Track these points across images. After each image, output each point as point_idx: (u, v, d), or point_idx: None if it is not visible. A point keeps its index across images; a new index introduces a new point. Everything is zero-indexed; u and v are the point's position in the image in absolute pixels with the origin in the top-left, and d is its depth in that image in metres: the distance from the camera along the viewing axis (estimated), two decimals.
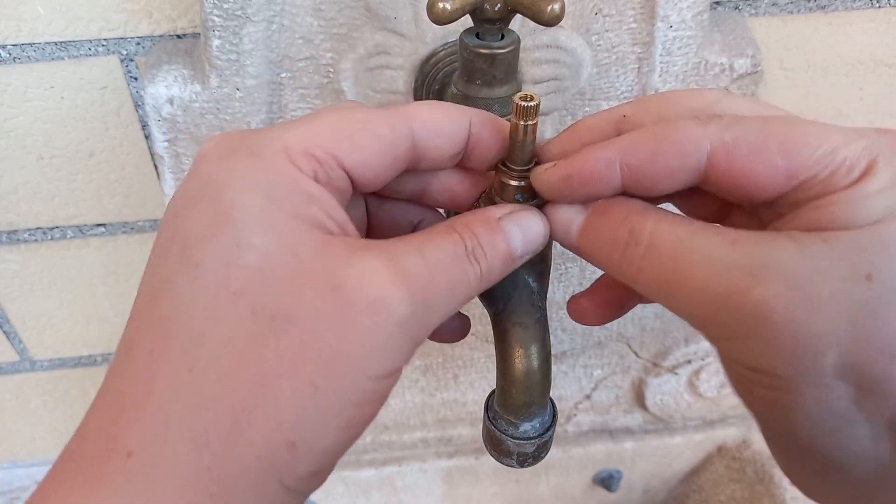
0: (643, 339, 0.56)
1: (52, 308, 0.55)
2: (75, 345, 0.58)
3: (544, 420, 0.29)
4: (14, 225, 0.50)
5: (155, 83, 0.39)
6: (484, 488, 0.64)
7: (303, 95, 0.40)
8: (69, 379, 0.61)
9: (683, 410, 0.60)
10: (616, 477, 0.64)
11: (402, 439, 0.60)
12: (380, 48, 0.39)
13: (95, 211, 0.50)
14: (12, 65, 0.43)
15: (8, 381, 0.60)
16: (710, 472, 0.65)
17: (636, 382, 0.59)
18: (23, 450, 0.66)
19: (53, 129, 0.46)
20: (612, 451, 0.63)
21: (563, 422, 0.61)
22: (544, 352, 0.28)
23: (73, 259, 0.52)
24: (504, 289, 0.27)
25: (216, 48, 0.37)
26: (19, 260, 0.52)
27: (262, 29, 0.37)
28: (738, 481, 0.63)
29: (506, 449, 0.29)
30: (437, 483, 0.63)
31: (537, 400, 0.28)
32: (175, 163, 0.41)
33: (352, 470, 0.61)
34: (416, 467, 0.62)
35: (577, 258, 0.50)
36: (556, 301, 0.52)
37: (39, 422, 0.64)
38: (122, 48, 0.43)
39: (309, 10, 0.37)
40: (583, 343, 0.56)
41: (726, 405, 0.61)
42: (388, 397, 0.22)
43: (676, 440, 0.63)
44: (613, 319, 0.27)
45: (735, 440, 0.63)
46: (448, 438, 0.61)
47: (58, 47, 0.42)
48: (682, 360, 0.57)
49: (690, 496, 0.66)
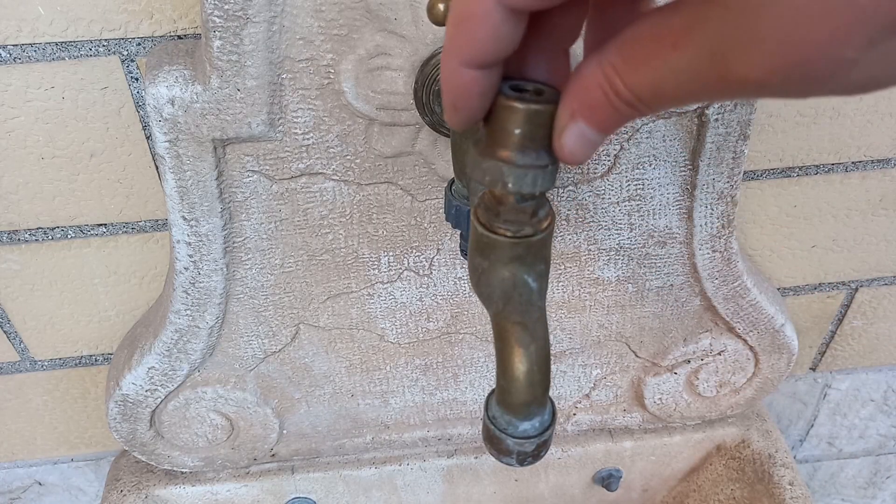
0: (642, 339, 0.56)
1: (52, 308, 0.55)
2: (76, 345, 0.58)
3: (544, 419, 0.29)
4: (15, 225, 0.50)
5: (156, 84, 0.39)
6: (484, 487, 0.64)
7: (303, 96, 0.40)
8: (69, 379, 0.61)
9: (682, 410, 0.61)
10: (615, 476, 0.64)
11: (402, 438, 0.60)
12: (380, 49, 0.39)
13: (96, 211, 0.50)
14: (13, 65, 0.43)
15: (8, 381, 0.61)
16: (709, 471, 0.65)
17: (635, 382, 0.59)
18: (23, 450, 0.67)
19: (54, 130, 0.46)
20: (612, 451, 0.63)
21: (563, 421, 0.61)
22: (544, 351, 0.28)
23: (74, 259, 0.53)
24: (504, 288, 0.27)
25: (217, 49, 0.37)
26: (20, 260, 0.52)
27: (263, 30, 0.37)
28: (738, 481, 0.63)
29: (505, 448, 0.29)
30: (437, 482, 0.63)
31: (537, 399, 0.28)
32: (176, 163, 0.41)
33: (352, 469, 0.61)
34: (417, 466, 0.62)
35: (577, 258, 0.50)
36: (555, 301, 0.53)
37: (39, 422, 0.64)
38: (124, 49, 0.43)
39: (309, 12, 0.37)
40: (582, 342, 0.56)
41: (725, 405, 0.61)
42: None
43: (675, 439, 0.63)
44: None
45: (734, 440, 0.63)
46: (448, 437, 0.61)
47: (59, 47, 0.42)
48: (681, 360, 0.57)
49: (690, 495, 0.66)
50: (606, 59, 0.21)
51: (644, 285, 0.52)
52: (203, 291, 0.47)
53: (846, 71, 0.17)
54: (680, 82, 0.20)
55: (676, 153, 0.46)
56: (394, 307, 0.52)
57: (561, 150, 0.23)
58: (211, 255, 0.45)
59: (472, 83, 0.23)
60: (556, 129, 0.23)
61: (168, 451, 0.57)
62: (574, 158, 0.24)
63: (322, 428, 0.58)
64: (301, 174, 0.44)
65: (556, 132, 0.23)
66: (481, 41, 0.22)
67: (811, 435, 0.80)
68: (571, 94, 0.23)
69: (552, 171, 0.24)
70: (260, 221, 0.45)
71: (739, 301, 0.53)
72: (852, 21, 0.16)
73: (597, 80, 0.21)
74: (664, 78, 0.20)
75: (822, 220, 0.59)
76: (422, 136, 0.43)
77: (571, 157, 0.23)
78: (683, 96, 0.20)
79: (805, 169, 0.55)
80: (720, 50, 0.18)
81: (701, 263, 0.51)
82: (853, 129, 0.53)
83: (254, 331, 0.51)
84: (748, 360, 0.57)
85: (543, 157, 0.24)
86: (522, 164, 0.23)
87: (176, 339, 0.49)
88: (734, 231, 0.49)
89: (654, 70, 0.20)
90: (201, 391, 0.53)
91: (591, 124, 0.22)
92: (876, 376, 0.74)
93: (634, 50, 0.21)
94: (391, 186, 0.45)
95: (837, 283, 0.64)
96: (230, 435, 0.56)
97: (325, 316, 0.51)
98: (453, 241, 0.49)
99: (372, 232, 0.47)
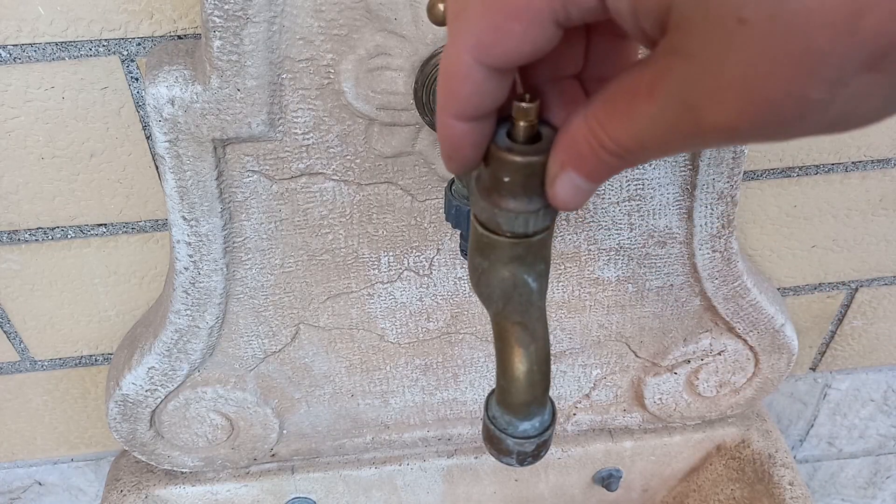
0: (642, 339, 0.56)
1: (52, 308, 0.55)
2: (76, 345, 0.58)
3: (544, 419, 0.29)
4: (15, 225, 0.50)
5: (156, 84, 0.39)
6: (484, 487, 0.64)
7: (303, 96, 0.40)
8: (70, 379, 0.61)
9: (682, 410, 0.61)
10: (615, 476, 0.64)
11: (402, 438, 0.60)
12: (380, 49, 0.39)
13: (96, 211, 0.50)
14: (13, 65, 0.43)
15: (8, 381, 0.61)
16: (709, 471, 0.65)
17: (635, 382, 0.59)
18: (23, 450, 0.67)
19: (54, 130, 0.46)
20: (612, 451, 0.63)
21: (563, 421, 0.61)
22: (544, 351, 0.28)
23: (74, 259, 0.53)
24: (504, 288, 0.27)
25: (217, 49, 0.37)
26: (20, 260, 0.52)
27: (263, 30, 0.37)
28: (738, 481, 0.63)
29: (505, 448, 0.29)
30: (437, 482, 0.63)
31: (537, 399, 0.28)
32: (176, 163, 0.41)
33: (352, 469, 0.61)
34: (417, 466, 0.62)
35: (577, 258, 0.50)
36: (555, 301, 0.53)
37: (39, 422, 0.64)
38: (124, 49, 0.43)
39: (309, 12, 0.37)
40: (582, 342, 0.56)
41: (725, 405, 0.61)
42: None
43: (675, 439, 0.63)
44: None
45: (734, 439, 0.63)
46: (448, 437, 0.61)
47: (59, 47, 0.42)
48: (681, 360, 0.57)
49: (689, 495, 0.66)
50: (591, 113, 0.22)
51: (644, 285, 0.52)
52: (203, 291, 0.47)
53: (817, 111, 0.17)
54: (657, 133, 0.20)
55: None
56: (394, 307, 0.52)
57: (554, 198, 0.24)
58: (211, 255, 0.45)
59: (463, 136, 0.23)
60: (548, 177, 0.24)
61: (168, 451, 0.57)
62: (567, 206, 0.24)
63: (322, 428, 0.58)
64: (301, 174, 0.44)
65: (549, 180, 0.24)
66: (466, 97, 0.22)
67: (811, 435, 0.80)
68: (561, 147, 0.23)
69: (545, 213, 0.25)
70: (260, 221, 0.45)
71: (739, 301, 0.53)
72: (814, 62, 0.16)
73: (583, 134, 0.22)
74: (643, 129, 0.20)
75: (822, 220, 0.59)
76: (422, 136, 0.43)
77: (564, 205, 0.24)
78: (665, 146, 0.20)
79: (805, 169, 0.55)
80: (690, 99, 0.19)
81: (701, 263, 0.51)
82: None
83: (254, 331, 0.51)
84: (748, 360, 0.57)
85: (536, 202, 0.24)
86: (514, 210, 0.24)
87: (176, 339, 0.49)
88: (734, 231, 0.49)
89: (634, 122, 0.20)
90: (201, 391, 0.53)
91: (582, 174, 0.23)
92: (876, 376, 0.74)
93: (615, 103, 0.21)
94: (391, 186, 0.45)
95: (837, 283, 0.64)
96: (230, 435, 0.56)
97: (325, 316, 0.51)
98: (453, 241, 0.49)
99: (372, 232, 0.47)
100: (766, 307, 0.54)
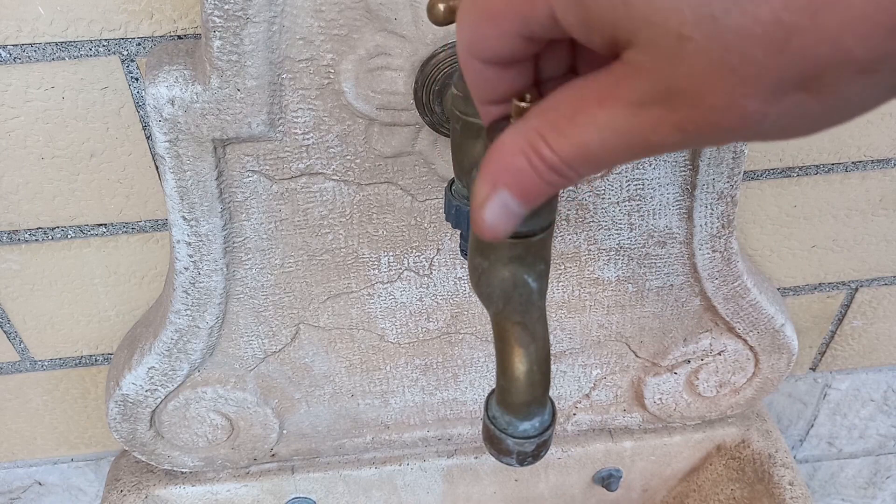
0: (642, 339, 0.56)
1: (52, 308, 0.55)
2: (76, 345, 0.58)
3: (544, 419, 0.29)
4: (15, 225, 0.50)
5: (156, 84, 0.39)
6: (484, 487, 0.65)
7: (303, 96, 0.40)
8: (69, 379, 0.61)
9: (682, 410, 0.61)
10: (615, 476, 0.64)
11: (402, 438, 0.60)
12: (380, 49, 0.39)
13: (96, 211, 0.50)
14: (13, 65, 0.43)
15: (8, 381, 0.61)
16: (709, 471, 0.65)
17: (635, 382, 0.59)
18: (23, 450, 0.67)
19: (54, 130, 0.46)
20: (612, 451, 0.63)
21: (563, 421, 0.61)
22: (544, 351, 0.28)
23: (74, 259, 0.53)
24: (504, 288, 0.27)
25: (217, 49, 0.37)
26: (20, 260, 0.52)
27: (263, 30, 0.37)
28: (738, 481, 0.63)
29: (505, 448, 0.29)
30: (437, 482, 0.63)
31: (537, 399, 0.28)
32: (176, 163, 0.41)
33: (352, 469, 0.61)
34: (417, 466, 0.62)
35: (577, 258, 0.50)
36: (555, 301, 0.53)
37: (39, 422, 0.64)
38: (124, 49, 0.43)
39: (309, 12, 0.37)
40: (582, 342, 0.56)
41: (725, 405, 0.61)
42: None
43: (675, 439, 0.63)
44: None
45: (734, 439, 0.63)
46: (448, 437, 0.61)
47: (59, 47, 0.42)
48: (681, 360, 0.57)
49: (690, 495, 0.66)
50: (528, 125, 0.21)
51: (644, 285, 0.52)
52: (203, 291, 0.47)
53: (755, 122, 0.18)
54: (605, 140, 0.20)
55: (676, 153, 0.46)
56: (394, 307, 0.52)
57: (481, 223, 0.22)
58: (211, 255, 0.45)
59: (486, 116, 0.24)
60: (476, 200, 0.22)
61: (168, 451, 0.57)
62: (494, 233, 0.23)
63: (322, 428, 0.58)
64: (301, 174, 0.44)
65: (477, 204, 0.22)
66: (472, 84, 0.23)
67: (811, 435, 0.80)
68: (491, 163, 0.22)
69: (545, 213, 0.25)
70: (260, 221, 0.45)
71: (739, 301, 0.53)
72: (752, 76, 0.17)
73: (519, 146, 0.21)
74: (590, 137, 0.20)
75: (822, 220, 0.59)
76: (422, 136, 0.43)
77: (491, 231, 0.23)
78: (609, 156, 0.20)
79: (805, 169, 0.55)
80: (641, 107, 0.19)
81: (701, 263, 0.51)
82: (853, 129, 0.53)
83: (254, 331, 0.51)
84: (748, 360, 0.57)
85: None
86: None
87: (176, 339, 0.49)
88: (734, 231, 0.49)
89: (581, 129, 0.20)
90: (201, 391, 0.53)
91: (516, 193, 0.22)
92: (876, 376, 0.74)
93: (559, 112, 0.21)
94: (391, 186, 0.45)
95: (837, 283, 0.64)
96: (230, 435, 0.56)
97: (325, 316, 0.51)
98: (453, 241, 0.49)
99: (372, 232, 0.47)
100: (766, 307, 0.54)
